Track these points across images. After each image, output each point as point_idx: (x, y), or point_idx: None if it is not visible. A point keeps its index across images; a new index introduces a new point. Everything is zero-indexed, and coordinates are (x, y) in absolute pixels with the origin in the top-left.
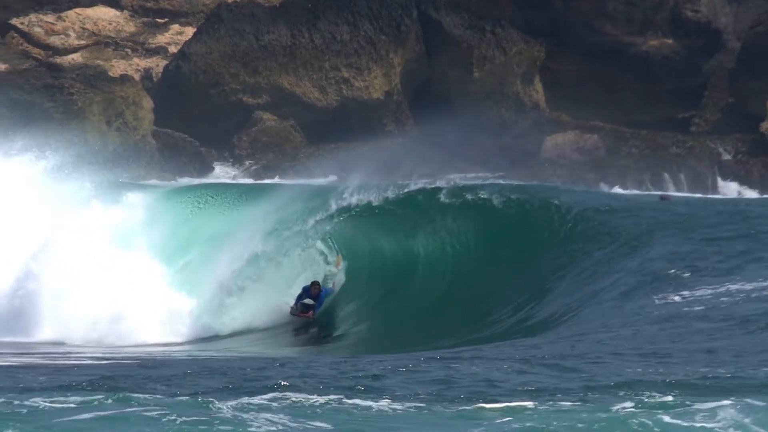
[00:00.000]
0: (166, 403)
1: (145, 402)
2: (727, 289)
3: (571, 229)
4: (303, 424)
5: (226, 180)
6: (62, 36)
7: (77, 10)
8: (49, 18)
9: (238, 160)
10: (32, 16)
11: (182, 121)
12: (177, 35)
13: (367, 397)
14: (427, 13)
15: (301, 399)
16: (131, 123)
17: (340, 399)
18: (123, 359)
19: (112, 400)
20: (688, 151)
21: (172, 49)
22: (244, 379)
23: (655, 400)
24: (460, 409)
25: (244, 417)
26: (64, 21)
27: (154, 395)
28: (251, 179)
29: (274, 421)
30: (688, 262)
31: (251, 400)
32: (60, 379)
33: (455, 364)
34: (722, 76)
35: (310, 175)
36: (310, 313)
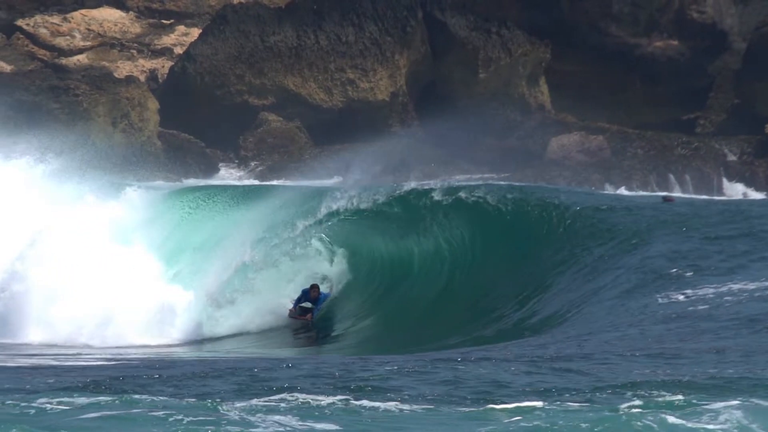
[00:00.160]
0: (173, 404)
1: (152, 403)
2: (730, 288)
3: (570, 228)
4: (311, 425)
5: (231, 181)
6: (68, 37)
7: (83, 12)
8: (55, 19)
9: (244, 161)
10: (38, 17)
11: (188, 123)
12: (182, 36)
13: (375, 398)
14: (433, 14)
15: (309, 400)
16: (137, 124)
17: (348, 400)
18: (129, 360)
19: (119, 400)
20: (694, 153)
21: (178, 51)
22: (252, 380)
23: (664, 399)
24: (469, 410)
25: (252, 418)
26: (70, 22)
27: (161, 396)
28: (257, 180)
29: (281, 422)
30: (690, 261)
31: (259, 401)
32: (66, 380)
33: (462, 365)
34: (728, 77)
35: (316, 176)
36: (308, 315)
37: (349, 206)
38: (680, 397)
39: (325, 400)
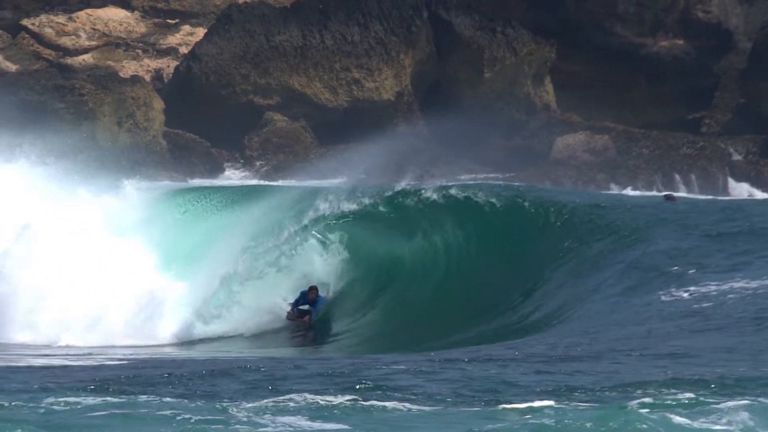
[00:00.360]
0: (180, 404)
1: (160, 402)
2: (732, 286)
3: (569, 224)
4: (320, 425)
5: (233, 181)
6: (73, 37)
7: (88, 11)
8: (60, 19)
9: (249, 161)
10: (43, 17)
11: (193, 122)
12: (188, 36)
13: (384, 398)
14: (438, 13)
15: (318, 399)
16: (142, 124)
17: (357, 399)
18: (136, 360)
19: (127, 400)
20: (699, 152)
21: (183, 50)
22: (259, 380)
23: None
24: (478, 409)
25: (260, 418)
26: (75, 22)
27: (168, 395)
28: (262, 180)
29: (290, 422)
30: (691, 259)
31: (267, 401)
32: (74, 380)
33: (469, 364)
34: (733, 77)
35: (321, 176)
36: (306, 317)
37: (343, 208)
38: (690, 396)
39: (334, 400)
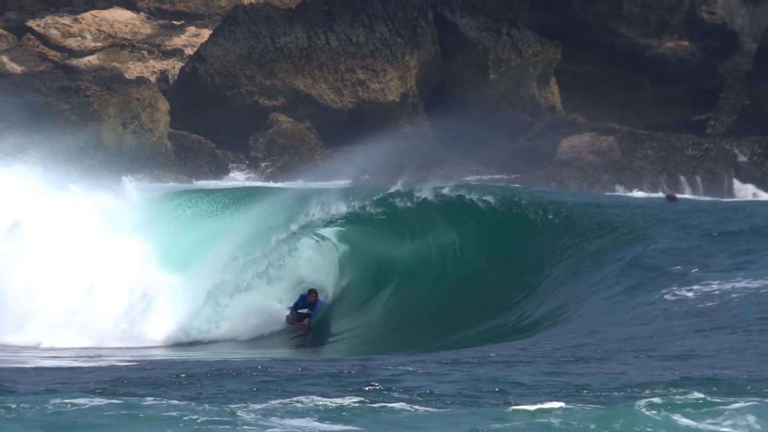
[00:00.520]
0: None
1: (166, 403)
2: (734, 286)
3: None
4: (328, 426)
5: (236, 182)
6: (78, 38)
7: (93, 12)
8: (66, 20)
9: (254, 162)
10: (48, 18)
11: (198, 123)
12: (193, 37)
13: (392, 399)
14: (443, 15)
15: (326, 400)
16: (147, 125)
17: (365, 400)
18: (142, 362)
19: (133, 401)
20: (704, 153)
21: (188, 51)
22: (265, 381)
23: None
24: (486, 410)
25: (267, 419)
26: (81, 23)
27: (175, 396)
28: (267, 181)
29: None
30: (692, 258)
31: (274, 402)
32: (80, 381)
33: (477, 365)
34: (738, 78)
35: (326, 177)
36: (305, 321)
37: (335, 211)
38: (698, 396)
39: (342, 401)
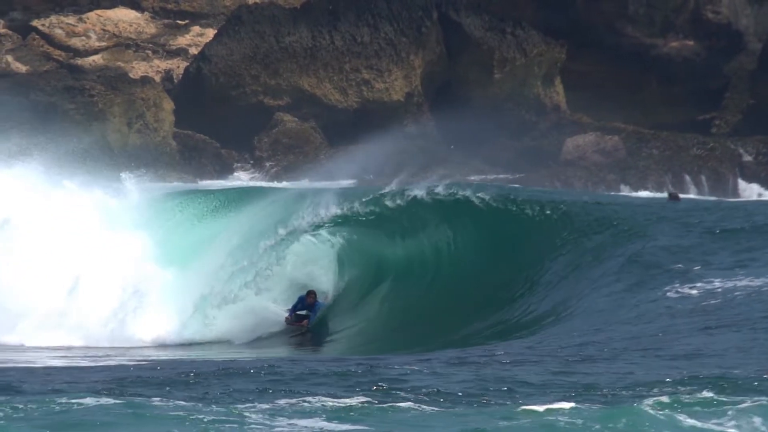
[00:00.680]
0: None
1: (173, 402)
2: (736, 284)
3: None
4: (336, 425)
5: (239, 182)
6: (83, 38)
7: (98, 12)
8: (70, 20)
9: (259, 162)
10: (53, 18)
11: (203, 123)
12: (197, 37)
13: (399, 398)
14: (448, 14)
15: (332, 400)
16: (152, 125)
17: (371, 400)
18: (149, 361)
19: (140, 400)
20: (709, 153)
21: (193, 51)
22: (272, 380)
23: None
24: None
25: (275, 418)
26: (85, 23)
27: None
28: (272, 181)
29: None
30: (693, 255)
31: (280, 402)
32: (87, 381)
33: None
34: (743, 78)
35: (330, 176)
36: (304, 321)
37: (331, 212)
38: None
39: (349, 401)
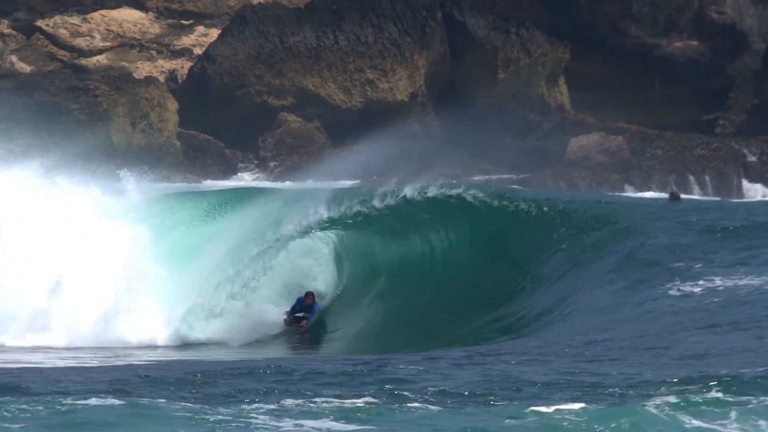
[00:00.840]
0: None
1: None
2: (736, 283)
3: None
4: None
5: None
6: (87, 38)
7: (102, 12)
8: (75, 20)
9: (263, 162)
10: (57, 18)
11: (207, 123)
12: (202, 37)
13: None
14: (452, 14)
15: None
16: (156, 125)
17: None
18: (154, 361)
19: (145, 400)
20: (713, 153)
21: (197, 51)
22: (279, 381)
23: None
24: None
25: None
26: (89, 23)
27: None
28: (276, 181)
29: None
30: (693, 254)
31: (286, 402)
32: (92, 381)
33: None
34: (747, 78)
35: (334, 176)
36: (303, 322)
37: (332, 213)
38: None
39: (355, 401)
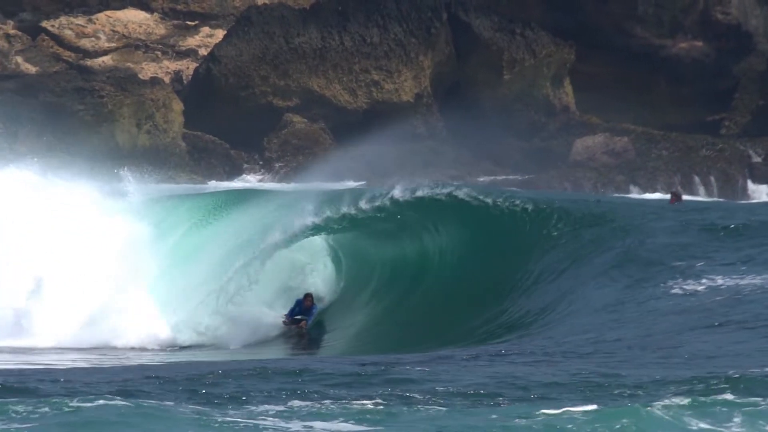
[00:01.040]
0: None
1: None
2: (738, 283)
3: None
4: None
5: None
6: (93, 38)
7: (107, 13)
8: (80, 20)
9: (268, 163)
10: (63, 19)
11: (212, 124)
12: (207, 38)
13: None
14: (457, 15)
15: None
16: (161, 125)
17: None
18: (160, 361)
19: (151, 401)
20: (719, 154)
21: (202, 52)
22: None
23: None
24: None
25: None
26: (95, 23)
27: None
28: (281, 182)
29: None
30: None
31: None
32: (97, 381)
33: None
34: (753, 79)
35: (339, 177)
36: (302, 323)
37: (330, 215)
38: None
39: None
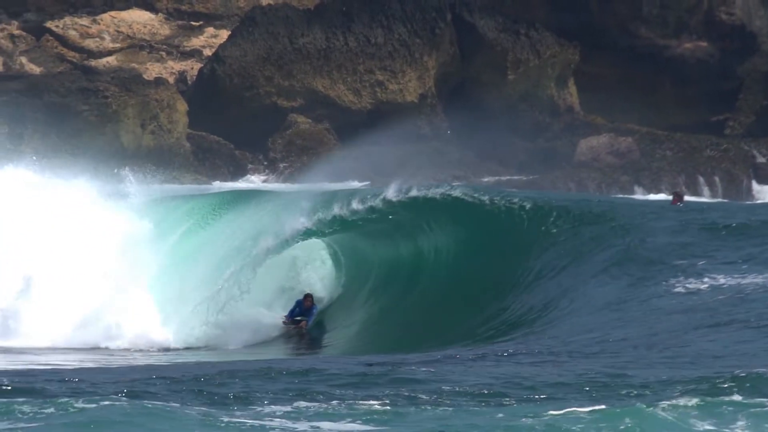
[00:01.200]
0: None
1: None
2: (739, 282)
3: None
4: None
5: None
6: (97, 39)
7: (112, 13)
8: (84, 21)
9: (273, 163)
10: (67, 19)
11: (217, 124)
12: (211, 38)
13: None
14: (462, 15)
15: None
16: (166, 126)
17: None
18: (165, 362)
19: (157, 401)
20: (723, 154)
21: (207, 52)
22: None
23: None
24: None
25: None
26: (99, 24)
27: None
28: (286, 182)
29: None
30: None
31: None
32: (103, 381)
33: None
34: (757, 79)
35: (344, 178)
36: (302, 323)
37: (333, 213)
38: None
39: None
